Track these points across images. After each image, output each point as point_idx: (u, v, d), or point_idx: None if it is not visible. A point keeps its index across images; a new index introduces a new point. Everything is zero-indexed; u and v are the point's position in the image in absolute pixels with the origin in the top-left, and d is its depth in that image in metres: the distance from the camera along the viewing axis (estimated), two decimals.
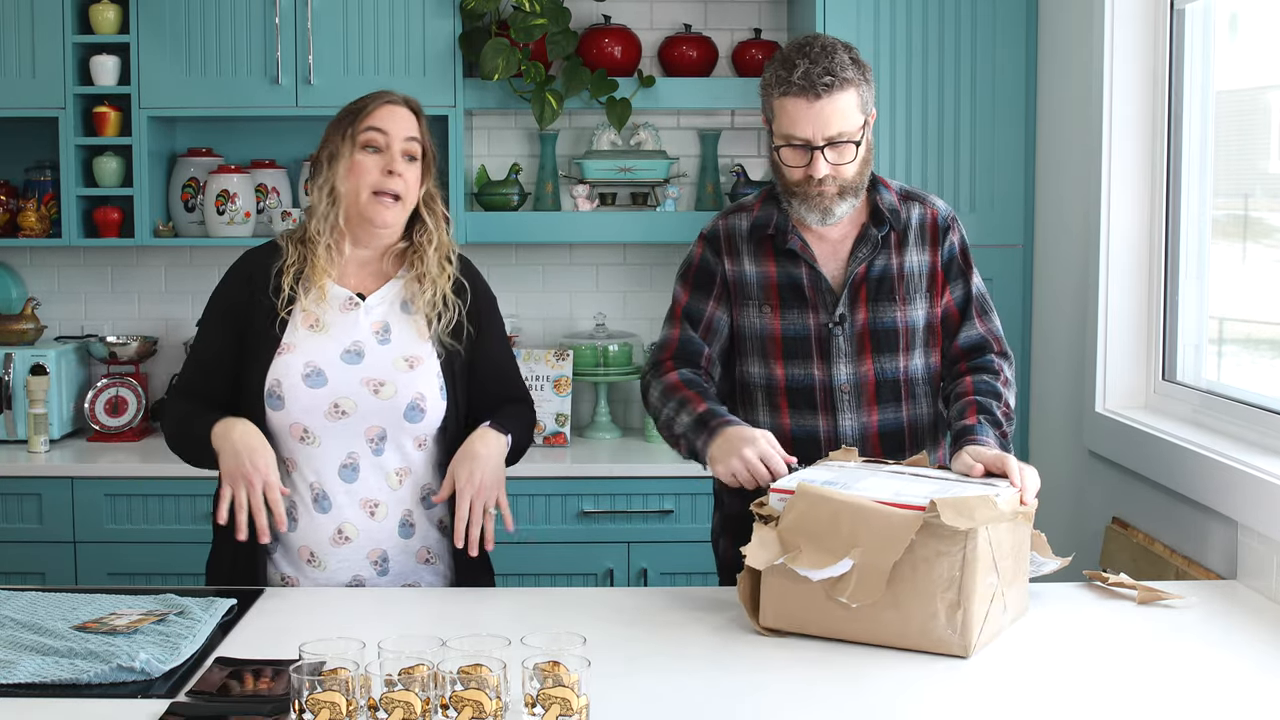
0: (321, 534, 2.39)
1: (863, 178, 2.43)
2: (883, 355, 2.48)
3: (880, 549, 1.99)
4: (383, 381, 2.39)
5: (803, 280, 2.48)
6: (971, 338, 2.51)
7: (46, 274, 4.19)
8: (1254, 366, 2.92)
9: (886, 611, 2.01)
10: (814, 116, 2.35)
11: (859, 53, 2.44)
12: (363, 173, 2.38)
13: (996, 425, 2.37)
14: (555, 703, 1.62)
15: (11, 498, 3.65)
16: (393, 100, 2.43)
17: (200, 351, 2.49)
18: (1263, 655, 2.06)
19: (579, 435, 4.11)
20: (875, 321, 2.47)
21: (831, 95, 2.34)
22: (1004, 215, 3.67)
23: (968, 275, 2.52)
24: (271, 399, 2.36)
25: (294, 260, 2.40)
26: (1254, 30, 2.91)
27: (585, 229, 4.03)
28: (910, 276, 2.49)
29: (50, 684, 1.85)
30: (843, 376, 2.48)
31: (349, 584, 2.41)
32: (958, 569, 1.97)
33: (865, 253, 2.47)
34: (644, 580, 3.66)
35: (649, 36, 4.09)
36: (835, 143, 2.36)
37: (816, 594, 2.03)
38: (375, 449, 2.40)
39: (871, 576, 1.99)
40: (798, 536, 2.05)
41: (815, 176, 2.38)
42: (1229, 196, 2.96)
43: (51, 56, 3.81)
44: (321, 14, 3.81)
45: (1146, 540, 2.84)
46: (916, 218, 2.51)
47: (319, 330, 2.40)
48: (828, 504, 2.04)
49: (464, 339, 2.45)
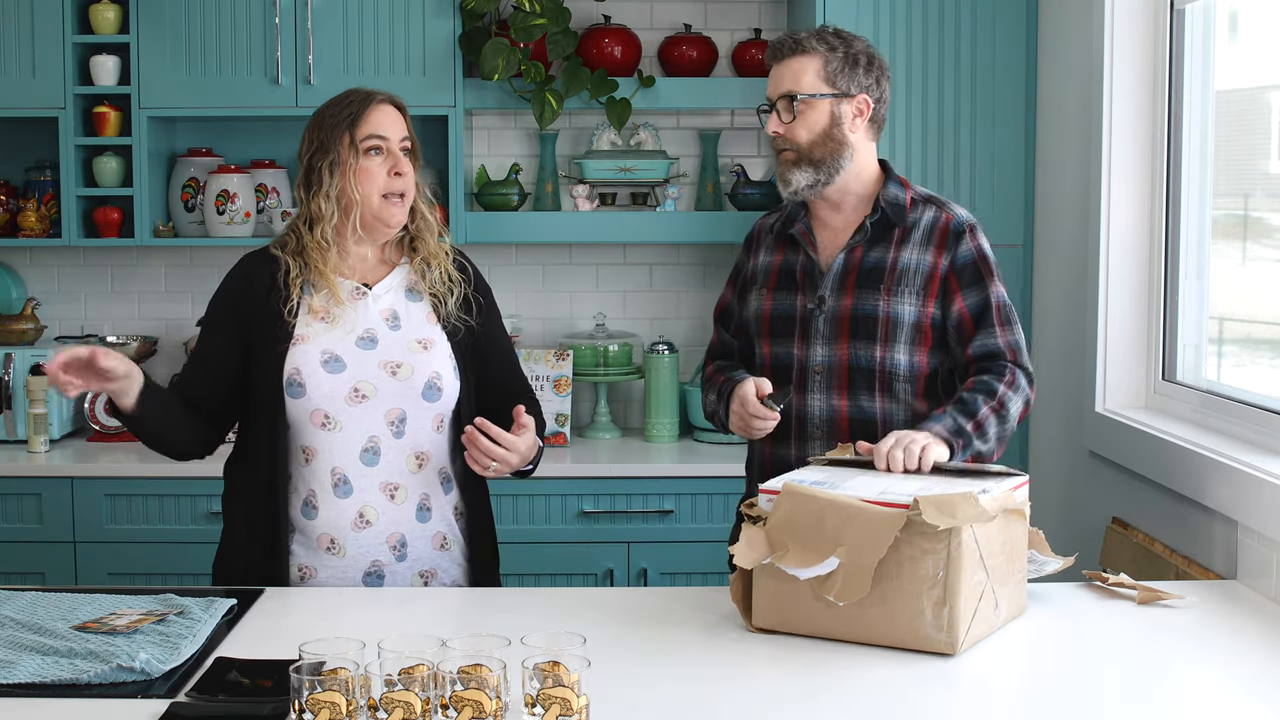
0: (343, 519, 2.41)
1: (822, 151, 2.47)
2: (859, 342, 2.49)
3: (865, 547, 1.99)
4: (399, 364, 2.43)
5: (797, 265, 2.56)
6: (987, 346, 2.49)
7: (46, 274, 4.19)
8: (1254, 366, 2.92)
9: (874, 610, 2.01)
10: (773, 76, 2.54)
11: (865, 44, 2.52)
12: (371, 178, 2.42)
13: (968, 414, 2.38)
14: (555, 703, 1.62)
15: (11, 498, 3.65)
16: (383, 100, 2.46)
17: (197, 349, 2.53)
18: (1263, 655, 2.06)
19: (579, 435, 4.11)
20: (857, 308, 2.50)
21: (789, 58, 2.50)
22: (1004, 215, 3.67)
23: (986, 284, 2.50)
24: (292, 388, 2.39)
25: (297, 273, 2.42)
26: (1254, 30, 2.91)
27: (585, 229, 4.03)
28: (904, 272, 2.50)
29: (50, 684, 1.85)
30: (818, 358, 2.51)
31: (368, 570, 2.43)
32: (942, 567, 1.97)
33: (856, 239, 2.52)
34: (644, 580, 3.66)
35: (649, 36, 4.09)
36: (785, 100, 2.49)
37: (806, 593, 2.04)
38: (396, 431, 2.43)
39: (857, 575, 1.99)
40: (784, 536, 2.05)
41: (769, 134, 2.52)
42: (1229, 196, 2.96)
43: (51, 56, 3.81)
44: (321, 14, 3.81)
45: (1146, 540, 2.84)
46: (929, 219, 2.53)
47: (330, 321, 2.43)
48: (813, 503, 2.04)
49: (473, 314, 2.52)
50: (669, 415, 3.96)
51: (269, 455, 2.41)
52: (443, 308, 2.49)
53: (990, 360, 2.48)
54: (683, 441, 3.99)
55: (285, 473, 2.42)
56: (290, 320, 2.41)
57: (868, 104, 2.49)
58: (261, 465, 2.42)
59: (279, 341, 2.41)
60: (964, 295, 2.50)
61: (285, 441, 2.41)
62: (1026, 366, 2.50)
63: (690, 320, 4.20)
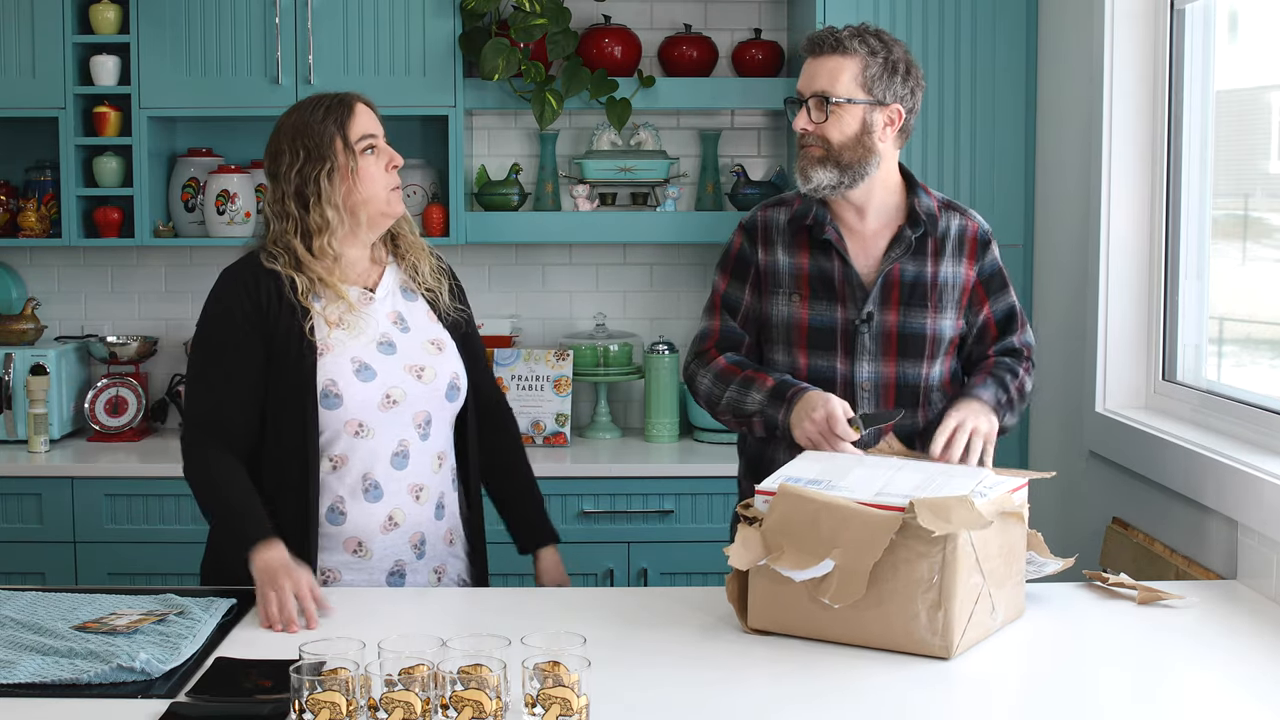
0: (372, 522, 2.41)
1: (851, 156, 2.44)
2: (907, 360, 2.49)
3: (860, 550, 1.99)
4: (423, 366, 2.45)
5: (834, 273, 2.50)
6: (1009, 345, 2.57)
7: (46, 274, 4.19)
8: (1254, 366, 2.92)
9: (869, 612, 2.00)
10: (807, 72, 2.47)
11: (904, 50, 2.49)
12: (374, 176, 2.42)
13: (1003, 387, 2.48)
14: (555, 703, 1.62)
15: (11, 498, 3.65)
16: (358, 99, 2.46)
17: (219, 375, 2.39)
18: (1263, 655, 2.06)
19: (579, 435, 4.11)
20: (905, 325, 2.48)
21: (826, 56, 2.45)
22: (1004, 215, 3.66)
23: (1009, 291, 2.58)
24: (328, 399, 2.37)
25: (304, 286, 2.39)
26: (1254, 30, 2.91)
27: (585, 229, 4.03)
28: (944, 286, 2.50)
29: (50, 684, 1.86)
30: (865, 374, 2.49)
31: (391, 570, 2.43)
32: (937, 570, 1.96)
33: (899, 252, 2.49)
34: (644, 580, 3.66)
35: (649, 36, 4.09)
36: (818, 99, 2.44)
37: (801, 595, 2.03)
38: (423, 434, 2.45)
39: (852, 578, 1.99)
40: (780, 537, 2.04)
41: (796, 129, 2.47)
42: (1229, 196, 2.96)
43: (51, 56, 3.81)
44: (321, 14, 3.81)
45: (1146, 540, 2.84)
46: (956, 228, 2.53)
47: (347, 329, 2.41)
48: (808, 505, 2.04)
49: (464, 300, 2.58)
50: (669, 415, 3.96)
51: (298, 468, 2.36)
52: (440, 301, 2.51)
53: (1008, 353, 2.57)
54: (683, 441, 3.99)
55: (316, 485, 2.38)
56: (310, 333, 2.38)
57: (900, 114, 2.45)
58: (287, 478, 2.37)
59: (304, 355, 2.36)
60: (991, 303, 2.55)
61: (316, 454, 2.38)
62: (1035, 362, 2.61)
63: (690, 320, 4.20)
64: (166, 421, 4.15)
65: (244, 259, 2.46)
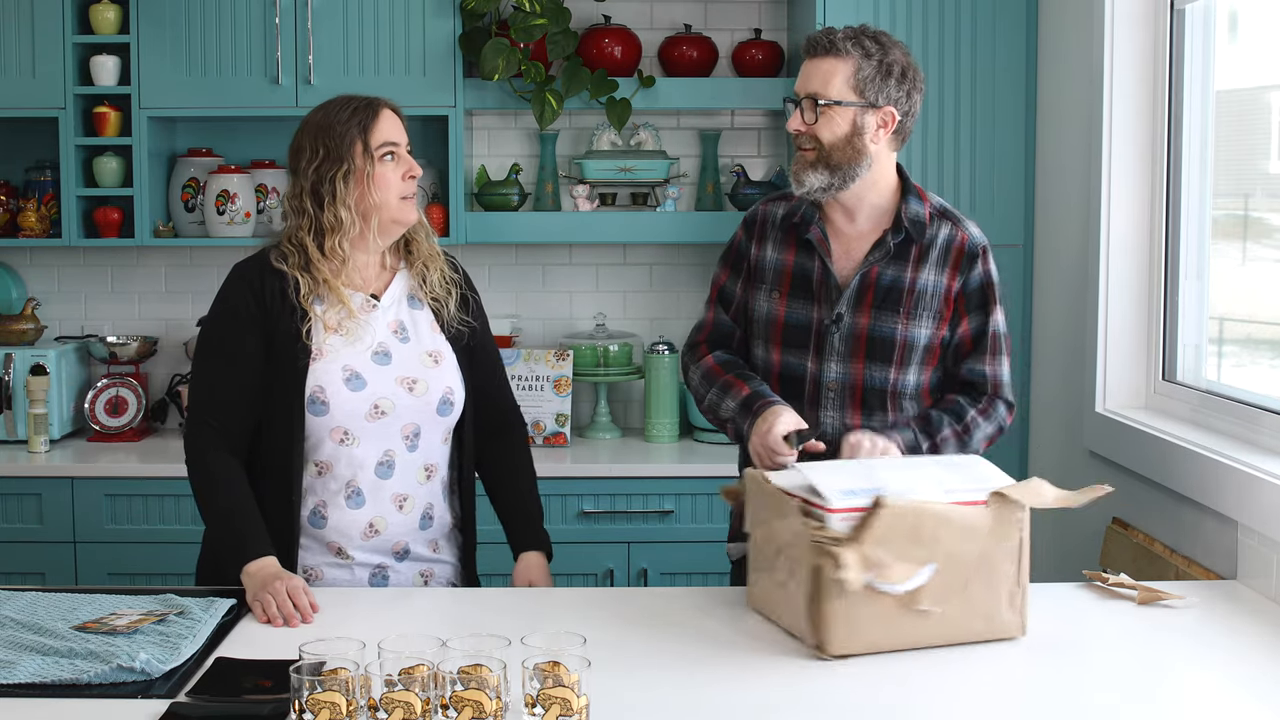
0: (353, 528, 2.42)
1: (841, 156, 2.44)
2: (875, 363, 2.49)
3: (960, 550, 2.02)
4: (415, 379, 2.44)
5: (813, 272, 2.52)
6: (974, 372, 2.52)
7: (46, 274, 4.19)
8: (1254, 366, 2.92)
9: (956, 609, 2.03)
10: (803, 72, 2.49)
11: (903, 52, 2.48)
12: (389, 183, 2.41)
13: (929, 433, 2.45)
14: (555, 703, 1.62)
15: (11, 498, 3.65)
16: (386, 106, 2.45)
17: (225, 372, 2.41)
18: (1263, 655, 2.06)
19: (579, 435, 4.11)
20: (875, 329, 2.48)
21: (820, 57, 2.45)
22: (1004, 215, 3.67)
23: (989, 310, 2.52)
24: (315, 405, 2.38)
25: (307, 288, 2.39)
26: (1254, 30, 2.91)
27: (585, 229, 4.03)
28: (921, 294, 2.49)
29: (50, 684, 1.86)
30: (832, 374, 2.50)
31: (373, 572, 2.44)
32: (1016, 552, 2.06)
33: (877, 256, 2.49)
34: (644, 580, 3.66)
35: (649, 36, 4.09)
36: (812, 100, 2.44)
37: (887, 608, 1.99)
38: (410, 445, 2.45)
39: (949, 580, 2.01)
40: (879, 551, 1.99)
41: (789, 129, 2.48)
42: (1229, 196, 2.96)
43: (51, 56, 3.81)
44: (321, 14, 3.81)
45: (1146, 540, 2.84)
46: (944, 237, 2.51)
47: (344, 335, 2.41)
48: (907, 515, 2.00)
49: (470, 311, 2.54)
50: (669, 415, 3.96)
51: (282, 470, 2.39)
52: (445, 312, 2.50)
53: (971, 387, 2.53)
54: (683, 441, 3.99)
55: (300, 488, 2.40)
56: (306, 336, 2.39)
57: (893, 117, 2.45)
58: (272, 480, 2.40)
59: (297, 358, 2.38)
60: (969, 319, 2.52)
61: (301, 457, 2.39)
62: (1008, 398, 2.54)
63: (690, 320, 4.19)
64: (166, 421, 4.15)
65: (255, 256, 2.48)
